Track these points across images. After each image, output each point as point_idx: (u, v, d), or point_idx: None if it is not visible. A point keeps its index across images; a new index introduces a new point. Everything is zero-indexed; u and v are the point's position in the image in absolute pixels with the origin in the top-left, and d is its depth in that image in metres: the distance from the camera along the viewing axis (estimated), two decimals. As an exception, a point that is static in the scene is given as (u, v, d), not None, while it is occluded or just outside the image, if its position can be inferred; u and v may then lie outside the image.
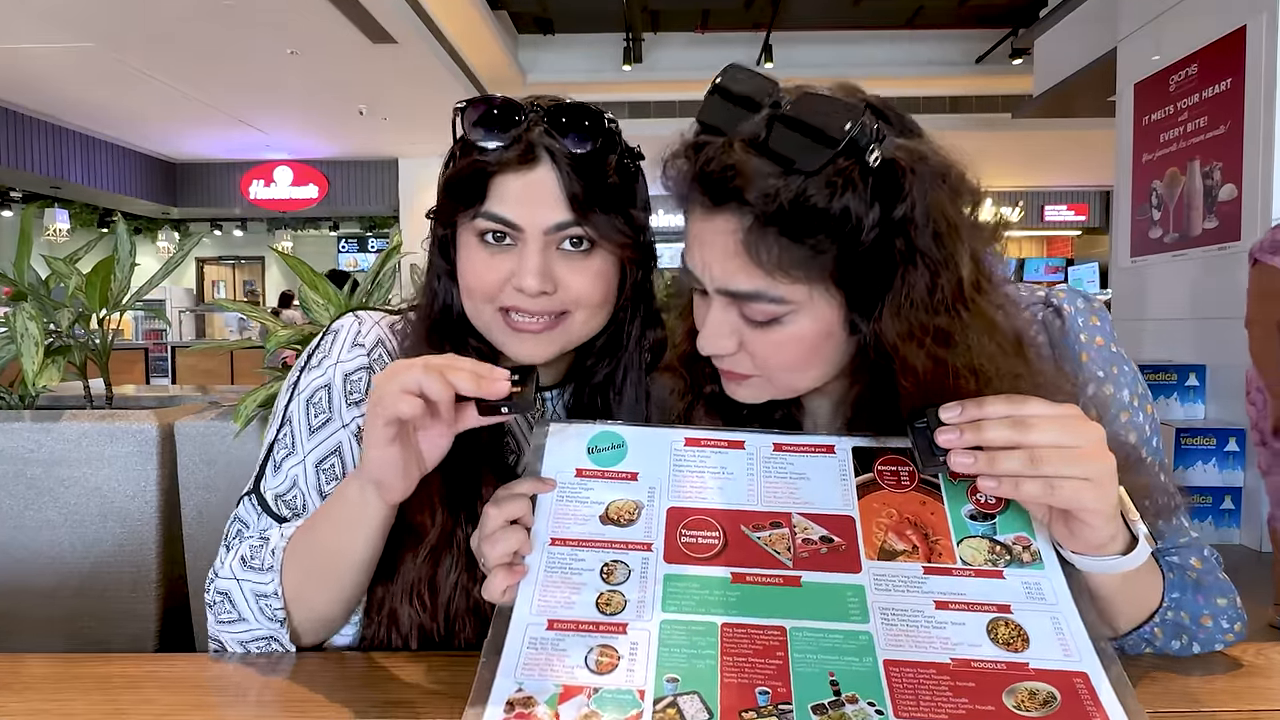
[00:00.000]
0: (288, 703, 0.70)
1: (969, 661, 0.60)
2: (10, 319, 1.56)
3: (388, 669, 0.75)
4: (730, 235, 0.68)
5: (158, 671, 0.75)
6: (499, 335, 0.83)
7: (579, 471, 0.73)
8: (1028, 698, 0.57)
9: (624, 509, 0.71)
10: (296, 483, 0.83)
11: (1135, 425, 0.79)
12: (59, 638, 1.48)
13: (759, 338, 0.72)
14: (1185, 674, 0.72)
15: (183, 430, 1.48)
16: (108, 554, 1.47)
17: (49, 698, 0.70)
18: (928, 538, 0.68)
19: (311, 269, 1.58)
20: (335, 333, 0.88)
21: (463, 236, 0.83)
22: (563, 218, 0.78)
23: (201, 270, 14.70)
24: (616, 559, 0.67)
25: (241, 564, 0.78)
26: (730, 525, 0.69)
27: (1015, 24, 8.36)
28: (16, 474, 1.47)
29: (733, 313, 0.72)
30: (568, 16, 8.93)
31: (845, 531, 0.68)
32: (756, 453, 0.74)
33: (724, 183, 0.66)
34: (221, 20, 6.51)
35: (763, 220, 0.65)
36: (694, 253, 0.73)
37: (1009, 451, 0.61)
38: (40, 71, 7.80)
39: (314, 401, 0.85)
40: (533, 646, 0.62)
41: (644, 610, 0.64)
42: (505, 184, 0.79)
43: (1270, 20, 3.90)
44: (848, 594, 0.64)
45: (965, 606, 0.63)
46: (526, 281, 0.78)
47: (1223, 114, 4.18)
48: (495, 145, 0.78)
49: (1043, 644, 0.61)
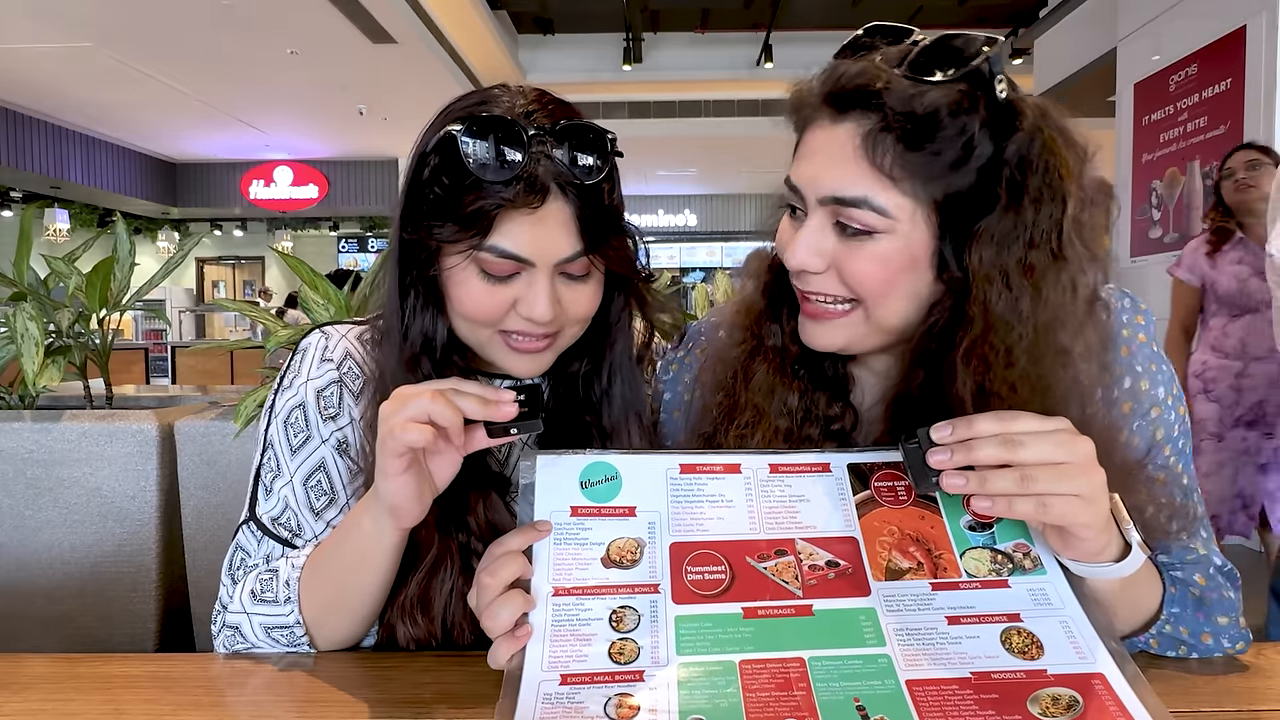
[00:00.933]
0: (289, 702, 0.70)
1: (989, 674, 0.59)
2: (10, 319, 1.56)
3: (392, 668, 0.75)
4: (850, 141, 0.70)
5: (158, 671, 0.75)
6: (496, 354, 0.82)
7: (574, 510, 0.70)
8: (1051, 703, 0.57)
9: (626, 549, 0.68)
10: (288, 504, 0.83)
11: (1165, 422, 0.79)
12: (59, 638, 1.48)
13: (849, 253, 0.72)
14: (1186, 673, 0.72)
15: (183, 430, 1.48)
16: (108, 554, 1.47)
17: (49, 697, 0.70)
18: (931, 553, 0.68)
19: (311, 269, 1.59)
20: (303, 351, 0.88)
21: (457, 263, 0.78)
22: (574, 249, 0.77)
23: (201, 270, 14.70)
24: (624, 604, 0.65)
25: (252, 598, 0.78)
26: (735, 558, 0.68)
27: (1015, 24, 8.36)
28: (16, 474, 1.47)
29: (828, 230, 0.73)
30: (567, 16, 8.92)
31: (850, 554, 0.68)
32: (753, 475, 0.73)
33: (856, 89, 0.70)
34: (221, 20, 6.51)
35: (885, 124, 0.68)
36: (803, 167, 0.74)
37: (1000, 471, 0.61)
38: (40, 71, 7.80)
39: (291, 422, 0.85)
40: (547, 702, 0.59)
41: (659, 656, 0.62)
42: (515, 221, 0.74)
43: (1270, 20, 3.90)
44: (860, 618, 0.64)
45: (977, 619, 0.63)
46: (538, 312, 0.76)
47: (1222, 114, 4.18)
48: (502, 179, 0.72)
49: (1057, 649, 0.61)
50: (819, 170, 0.72)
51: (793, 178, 0.76)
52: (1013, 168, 0.68)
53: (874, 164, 0.69)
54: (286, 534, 0.83)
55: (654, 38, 9.34)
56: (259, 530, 0.83)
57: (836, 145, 0.71)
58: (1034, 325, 0.68)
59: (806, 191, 0.74)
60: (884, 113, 0.68)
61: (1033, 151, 0.68)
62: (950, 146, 0.67)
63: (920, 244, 0.71)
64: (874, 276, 0.72)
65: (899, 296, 0.73)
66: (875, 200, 0.69)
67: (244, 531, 0.84)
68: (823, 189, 0.72)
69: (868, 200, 0.70)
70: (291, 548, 0.83)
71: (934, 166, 0.68)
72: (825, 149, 0.72)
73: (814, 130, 0.74)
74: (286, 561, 0.80)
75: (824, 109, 0.73)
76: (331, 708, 0.67)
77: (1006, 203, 0.68)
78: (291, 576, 0.78)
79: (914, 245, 0.71)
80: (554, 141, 0.75)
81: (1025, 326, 0.68)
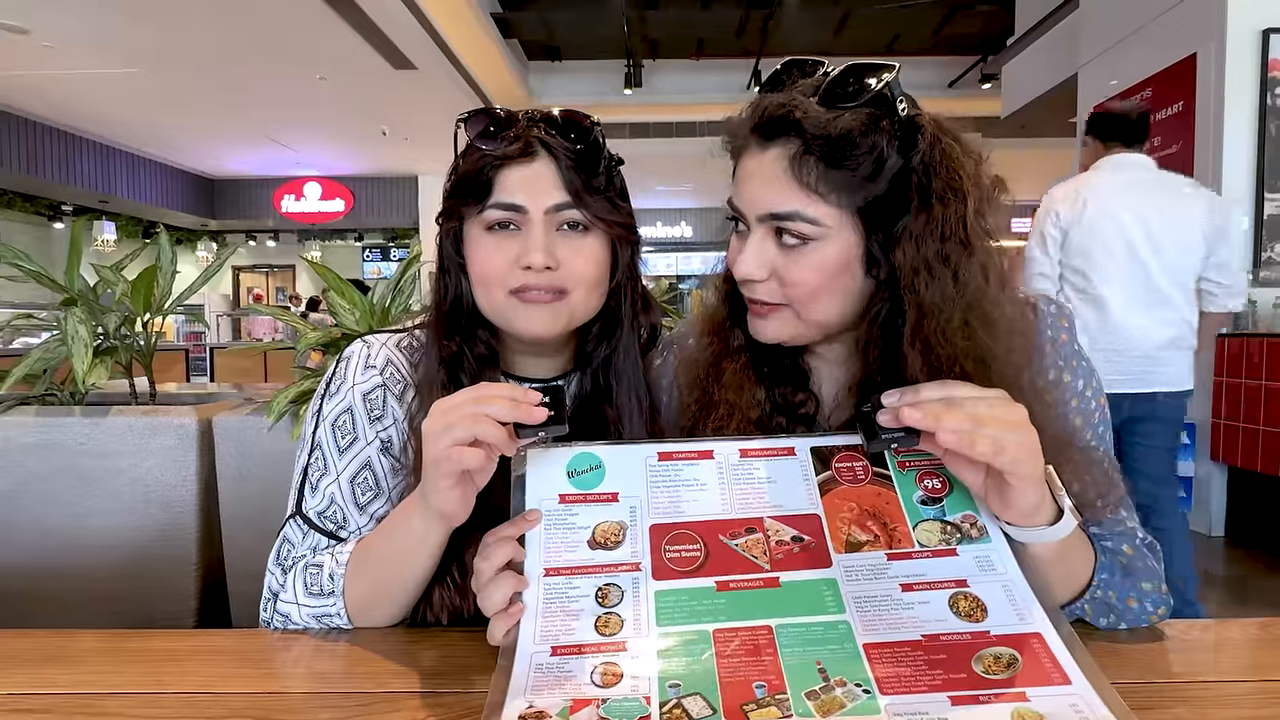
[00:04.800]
0: (321, 675, 0.70)
1: (938, 636, 0.60)
2: (62, 322, 1.56)
3: (419, 642, 0.74)
4: (778, 164, 0.74)
5: (197, 646, 0.75)
6: (511, 314, 0.84)
7: (562, 497, 0.71)
8: (993, 662, 0.58)
9: (610, 531, 0.70)
10: (334, 500, 0.84)
11: (1084, 411, 0.83)
12: (106, 615, 1.48)
13: (788, 263, 0.76)
14: (1123, 644, 0.71)
15: (220, 424, 1.48)
16: (151, 538, 1.47)
17: (97, 670, 0.70)
18: (886, 526, 0.68)
19: (338, 276, 1.58)
20: (347, 359, 0.89)
21: (471, 231, 0.85)
22: (561, 199, 0.82)
23: (237, 277, 14.70)
24: (609, 582, 0.66)
25: (304, 590, 0.79)
26: (709, 536, 0.69)
27: (985, 51, 8.38)
28: (68, 465, 1.47)
29: (769, 242, 0.76)
30: (574, 44, 8.93)
31: (813, 530, 0.69)
32: (725, 460, 0.74)
33: (778, 119, 0.73)
34: (257, 48, 6.52)
35: (806, 148, 0.72)
36: (743, 190, 0.78)
37: (951, 409, 0.62)
38: (90, 96, 7.81)
39: (339, 425, 0.85)
40: (539, 670, 0.61)
41: (640, 628, 0.63)
42: (509, 175, 0.82)
43: (1218, 49, 3.90)
44: (823, 588, 0.65)
45: (928, 586, 0.64)
46: (533, 257, 0.80)
47: (1175, 134, 4.18)
48: (498, 144, 0.82)
49: (999, 612, 0.62)
50: (755, 192, 0.76)
51: (734, 200, 0.79)
52: (919, 174, 0.72)
53: (801, 182, 0.73)
54: (332, 527, 0.84)
55: (653, 64, 9.35)
56: (305, 524, 0.84)
57: (768, 168, 0.75)
58: (959, 307, 0.72)
59: (746, 211, 0.78)
60: (804, 138, 0.72)
61: (934, 159, 0.72)
62: (864, 161, 0.71)
63: (850, 247, 0.75)
64: (811, 281, 0.75)
65: (831, 295, 0.77)
66: (806, 213, 0.73)
67: (290, 525, 0.84)
68: (760, 208, 0.76)
69: (799, 214, 0.73)
70: (336, 539, 0.83)
71: (853, 180, 0.72)
72: (758, 172, 0.76)
73: (746, 158, 0.78)
74: (331, 556, 0.80)
75: (753, 137, 0.76)
76: (362, 679, 0.67)
77: (918, 204, 0.72)
78: (336, 572, 0.78)
79: (845, 249, 0.75)
80: (544, 121, 0.83)
81: (952, 309, 0.72)
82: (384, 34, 6.28)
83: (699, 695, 0.57)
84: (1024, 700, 0.55)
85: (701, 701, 0.57)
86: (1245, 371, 3.62)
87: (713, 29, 8.43)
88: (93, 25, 5.97)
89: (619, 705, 0.57)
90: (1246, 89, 3.85)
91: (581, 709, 0.57)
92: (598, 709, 0.57)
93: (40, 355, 1.56)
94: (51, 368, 1.62)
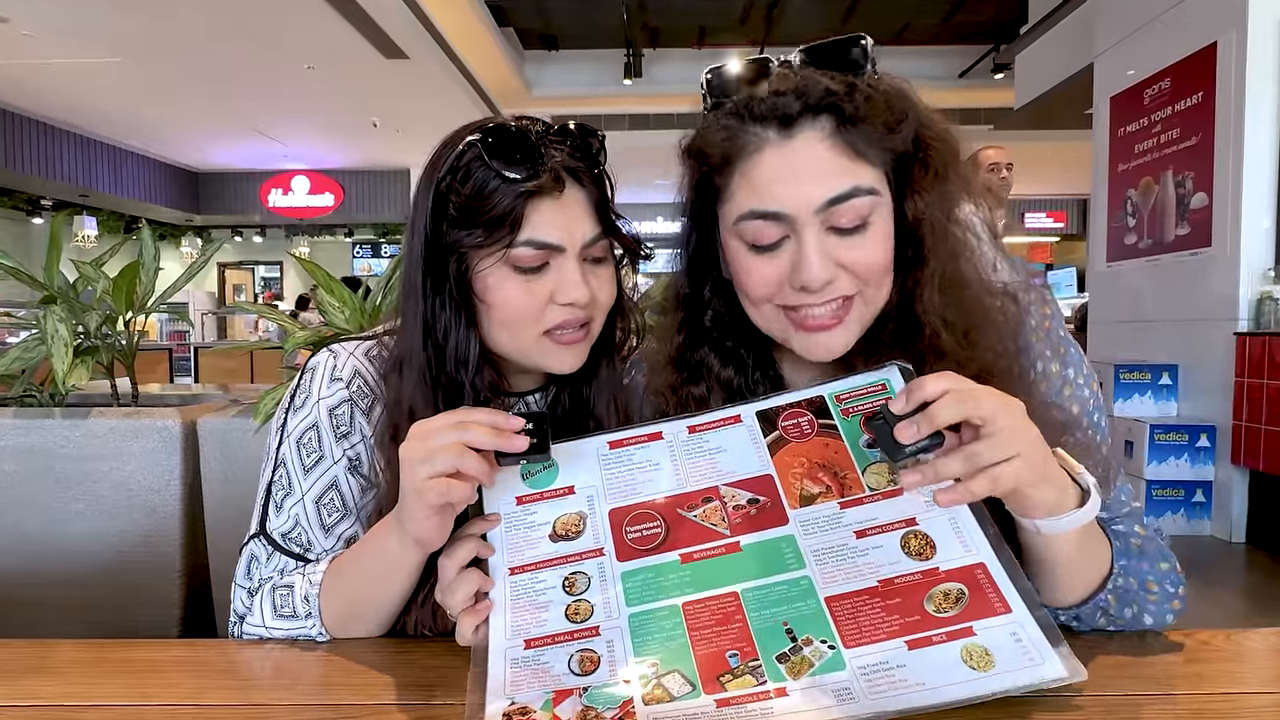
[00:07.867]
0: (307, 685, 0.70)
1: (892, 580, 0.63)
2: (41, 321, 1.56)
3: (406, 653, 0.75)
4: (818, 145, 0.73)
5: (181, 656, 0.75)
6: (539, 355, 0.82)
7: (519, 500, 0.73)
8: (943, 599, 0.61)
9: (570, 523, 0.71)
10: (299, 521, 0.83)
11: (1079, 398, 0.83)
12: (87, 624, 1.48)
13: (852, 247, 0.74)
14: (1141, 656, 0.71)
15: (205, 426, 1.48)
16: (134, 544, 1.47)
17: (78, 681, 0.70)
18: (837, 475, 0.70)
19: (328, 273, 1.58)
20: (312, 370, 0.86)
21: (490, 268, 0.79)
22: (595, 231, 0.80)
23: (223, 274, 14.68)
24: (575, 570, 0.68)
25: (274, 613, 0.78)
26: (668, 512, 0.71)
27: (997, 40, 8.36)
28: (47, 468, 1.47)
29: (826, 237, 0.74)
30: (571, 33, 8.92)
31: (768, 490, 0.71)
32: (674, 438, 0.76)
33: (800, 98, 0.72)
34: (243, 37, 6.51)
35: (843, 117, 0.72)
36: (781, 189, 0.73)
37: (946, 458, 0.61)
38: (71, 86, 7.80)
39: (304, 442, 0.84)
40: (515, 665, 0.62)
41: (611, 610, 0.65)
42: (540, 210, 0.77)
43: (1239, 37, 3.90)
44: (782, 545, 0.67)
45: (880, 529, 0.66)
46: (577, 294, 0.78)
47: (1194, 126, 4.17)
48: (527, 173, 0.76)
49: (946, 546, 0.64)
50: (801, 185, 0.72)
51: (773, 205, 0.73)
52: (921, 124, 0.75)
53: (852, 153, 0.73)
54: (298, 549, 0.83)
55: (653, 53, 9.34)
56: (269, 545, 0.83)
57: (808, 153, 0.73)
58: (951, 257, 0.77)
59: (797, 210, 0.73)
60: (839, 106, 0.72)
61: (923, 116, 0.76)
62: (887, 113, 0.73)
63: (889, 209, 0.76)
64: (881, 258, 0.76)
65: (889, 269, 0.77)
66: (863, 185, 0.73)
67: (254, 544, 0.84)
68: (815, 199, 0.72)
69: (858, 188, 0.73)
70: (303, 561, 0.83)
71: (885, 136, 0.73)
72: (797, 163, 0.73)
73: (763, 156, 0.74)
74: (304, 578, 0.79)
75: (768, 132, 0.73)
76: (349, 690, 0.67)
77: (925, 156, 0.75)
78: (310, 593, 0.78)
79: (888, 214, 0.76)
80: (557, 138, 0.79)
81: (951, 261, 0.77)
82: (374, 21, 6.27)
83: (677, 671, 0.60)
84: (971, 635, 0.59)
85: (680, 678, 0.59)
86: (1267, 372, 3.62)
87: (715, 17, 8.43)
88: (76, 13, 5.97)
89: (600, 692, 0.59)
90: (1269, 79, 3.85)
91: (564, 699, 0.59)
92: (580, 697, 0.59)
93: (18, 355, 1.56)
94: (30, 368, 1.62)
